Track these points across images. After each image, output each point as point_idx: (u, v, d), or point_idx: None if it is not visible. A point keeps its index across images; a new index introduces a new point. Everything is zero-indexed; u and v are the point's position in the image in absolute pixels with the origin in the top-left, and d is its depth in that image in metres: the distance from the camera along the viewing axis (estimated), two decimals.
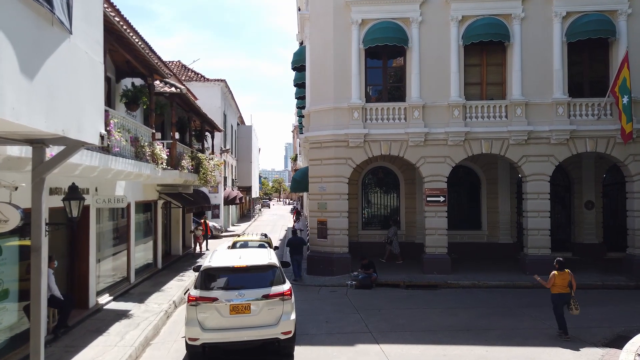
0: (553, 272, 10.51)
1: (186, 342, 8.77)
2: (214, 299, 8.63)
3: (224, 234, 36.11)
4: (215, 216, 37.35)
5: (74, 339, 9.84)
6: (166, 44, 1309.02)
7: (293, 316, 8.98)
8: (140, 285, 15.30)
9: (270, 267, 9.23)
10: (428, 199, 17.43)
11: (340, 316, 12.24)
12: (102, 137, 5.53)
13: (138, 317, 11.61)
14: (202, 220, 24.96)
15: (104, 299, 12.73)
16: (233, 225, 43.20)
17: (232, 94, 41.53)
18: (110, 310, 12.14)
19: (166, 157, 13.66)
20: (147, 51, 12.31)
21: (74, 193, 9.38)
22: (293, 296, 9.27)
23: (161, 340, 10.67)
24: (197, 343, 8.59)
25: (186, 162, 16.58)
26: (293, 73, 23.01)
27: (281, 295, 8.85)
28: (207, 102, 33.86)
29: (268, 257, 9.72)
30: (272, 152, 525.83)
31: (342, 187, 17.72)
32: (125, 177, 11.66)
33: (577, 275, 17.00)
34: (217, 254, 10.22)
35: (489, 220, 21.29)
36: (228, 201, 38.70)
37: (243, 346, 9.00)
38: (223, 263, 9.34)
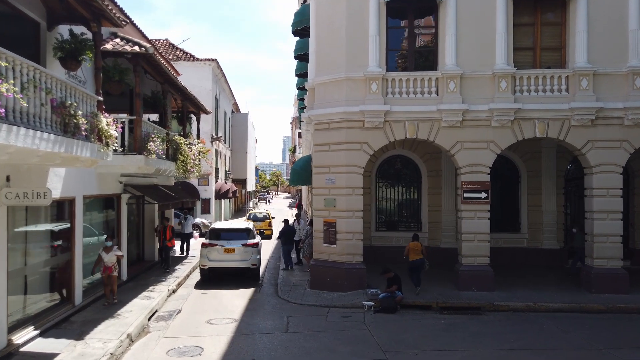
0: (409, 243, 13.48)
1: (200, 268, 15.49)
2: (215, 244, 15.18)
3: None
4: (206, 211, 33.60)
5: None
6: (163, 35, 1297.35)
7: (258, 256, 15.82)
8: (88, 308, 11.51)
9: (247, 230, 15.99)
10: (465, 195, 13.68)
11: None
12: None
13: None
14: (162, 225, 17.15)
15: (25, 335, 8.94)
16: (226, 221, 39.32)
17: (225, 77, 37.61)
18: (27, 356, 8.37)
19: (117, 135, 9.82)
20: None
21: None
22: (260, 245, 16.36)
23: None
24: (206, 268, 15.27)
25: (156, 146, 12.77)
26: (290, 71, 19.42)
27: (252, 245, 15.36)
28: (197, 84, 30.06)
29: (246, 224, 16.86)
30: (270, 145, 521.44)
31: (355, 179, 13.96)
32: (45, 161, 7.87)
33: None
34: (219, 223, 19.11)
35: (530, 221, 17.56)
36: (220, 195, 34.88)
37: (230, 270, 15.58)
38: (221, 226, 16.70)
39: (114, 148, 10.16)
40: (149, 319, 11.44)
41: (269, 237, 28.18)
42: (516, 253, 17.36)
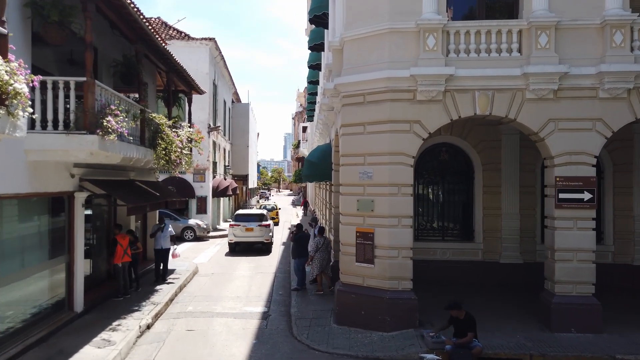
0: None
1: (228, 242, 21.33)
2: (239, 225, 20.98)
3: (211, 233, 28.31)
4: (202, 211, 29.56)
5: None
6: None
7: (271, 234, 21.96)
8: None
9: (262, 214, 21.97)
10: (561, 195, 9.65)
11: None
12: None
13: None
14: (118, 232, 12.94)
15: None
16: (225, 221, 35.29)
17: (224, 61, 33.48)
18: None
19: (27, 92, 5.77)
20: None
21: None
22: (271, 226, 22.28)
23: None
24: (232, 242, 21.07)
25: (118, 122, 8.72)
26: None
27: (265, 225, 21.22)
28: (192, 67, 25.88)
29: (262, 211, 23.43)
30: (270, 142, 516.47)
31: (402, 173, 9.94)
32: None
33: None
34: (240, 210, 24.73)
35: (617, 229, 13.52)
36: (218, 192, 30.82)
37: (250, 244, 21.51)
38: (243, 212, 22.44)
39: (29, 116, 6.13)
40: None
41: (276, 224, 34.22)
42: (597, 271, 13.33)
